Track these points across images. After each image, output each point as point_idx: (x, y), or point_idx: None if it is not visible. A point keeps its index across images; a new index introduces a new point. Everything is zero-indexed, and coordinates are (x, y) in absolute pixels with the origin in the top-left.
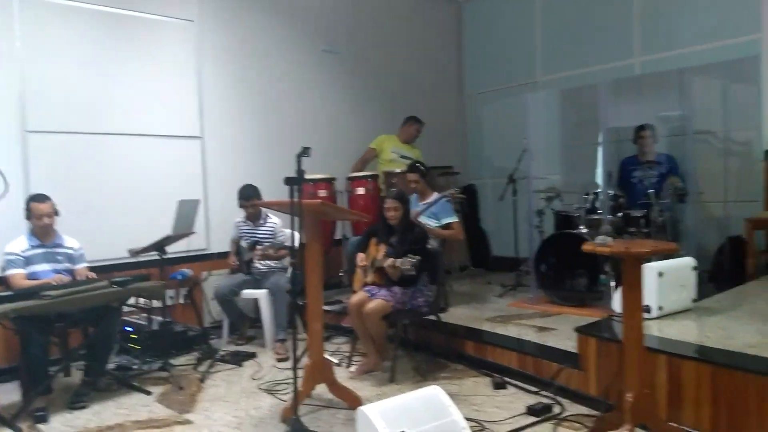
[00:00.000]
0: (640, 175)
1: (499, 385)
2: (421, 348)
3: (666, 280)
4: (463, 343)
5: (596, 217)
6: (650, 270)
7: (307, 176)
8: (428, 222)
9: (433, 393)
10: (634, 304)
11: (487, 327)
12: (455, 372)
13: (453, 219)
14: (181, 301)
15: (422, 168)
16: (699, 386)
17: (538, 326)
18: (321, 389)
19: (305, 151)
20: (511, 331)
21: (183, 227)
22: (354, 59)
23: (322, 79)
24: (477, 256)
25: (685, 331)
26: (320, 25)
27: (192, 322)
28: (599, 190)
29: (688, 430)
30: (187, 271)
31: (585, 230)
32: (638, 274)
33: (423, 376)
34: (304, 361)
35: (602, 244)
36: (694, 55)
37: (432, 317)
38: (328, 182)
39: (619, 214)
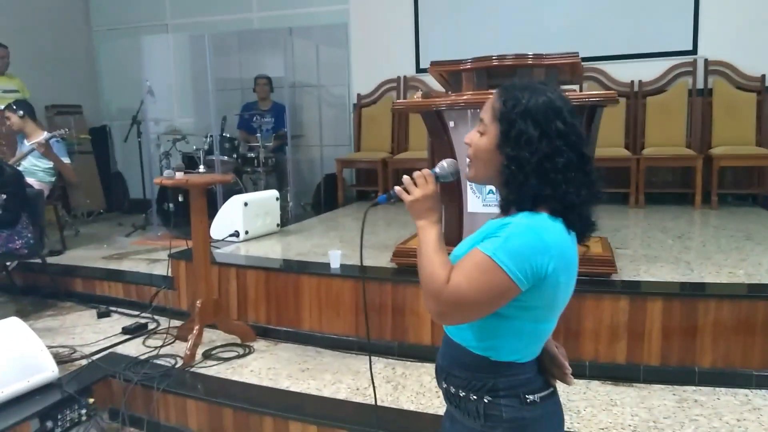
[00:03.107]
0: (258, 121)
1: (103, 314)
2: (29, 291)
3: (250, 209)
4: (73, 281)
5: (212, 157)
6: (237, 201)
7: None
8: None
9: (9, 323)
10: (201, 227)
11: (100, 264)
12: (62, 309)
13: (65, 161)
14: None
15: (22, 107)
16: (257, 289)
17: (152, 259)
18: None
19: None
20: (124, 265)
21: None
22: None
23: None
24: (113, 199)
25: (267, 249)
26: None
27: None
28: (216, 133)
29: (250, 323)
30: None
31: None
32: (202, 203)
33: (26, 316)
34: None
35: (169, 177)
36: (299, 17)
37: (37, 260)
38: None
39: (234, 156)
